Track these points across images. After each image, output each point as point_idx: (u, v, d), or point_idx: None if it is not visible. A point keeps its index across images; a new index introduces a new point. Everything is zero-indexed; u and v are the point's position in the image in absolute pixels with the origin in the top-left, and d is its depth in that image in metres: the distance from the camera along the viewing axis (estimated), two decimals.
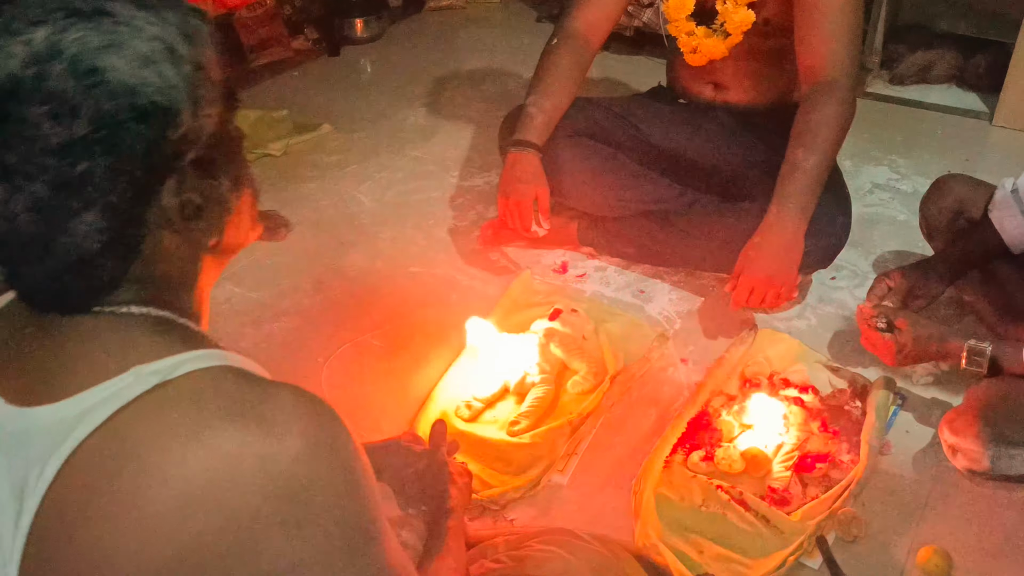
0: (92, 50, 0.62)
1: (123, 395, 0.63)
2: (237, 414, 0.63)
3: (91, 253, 0.65)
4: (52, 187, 0.62)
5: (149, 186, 0.66)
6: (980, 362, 1.48)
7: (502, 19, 3.64)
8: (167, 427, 0.63)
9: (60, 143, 0.61)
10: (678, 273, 2.03)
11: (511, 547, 1.14)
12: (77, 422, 0.63)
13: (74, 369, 0.66)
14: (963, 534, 1.41)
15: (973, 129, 2.69)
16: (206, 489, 0.61)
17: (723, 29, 1.87)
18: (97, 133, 0.62)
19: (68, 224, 0.64)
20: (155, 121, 0.64)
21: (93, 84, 0.62)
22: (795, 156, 1.74)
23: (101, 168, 0.63)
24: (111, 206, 0.64)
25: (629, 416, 1.65)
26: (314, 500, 0.64)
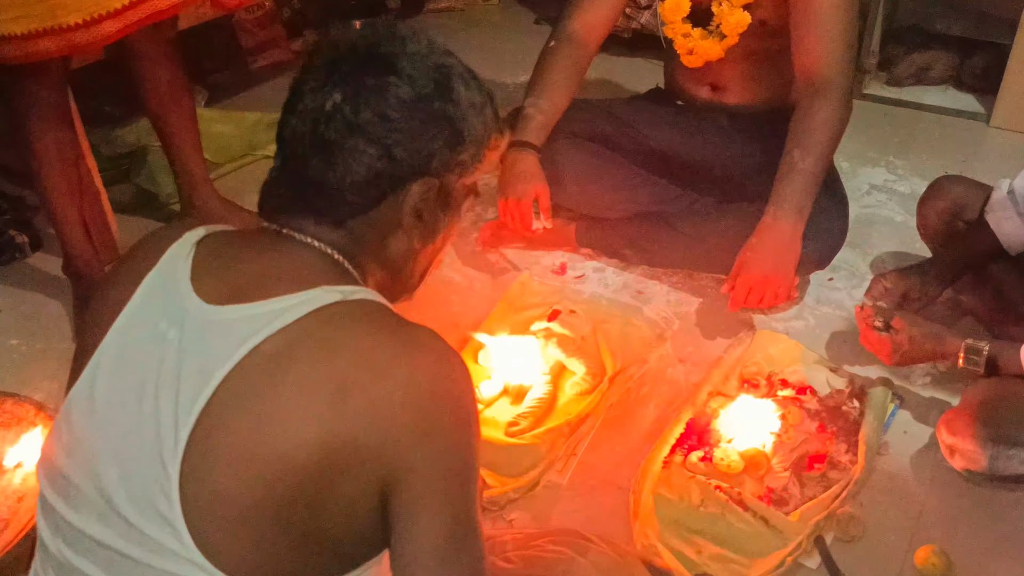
0: (456, 73, 0.89)
1: (311, 303, 0.79)
2: (392, 331, 0.81)
3: (355, 176, 0.85)
4: (375, 114, 0.83)
5: (416, 168, 0.86)
6: (977, 362, 1.48)
7: (500, 21, 3.64)
8: (341, 330, 0.79)
9: (401, 96, 0.84)
10: (676, 274, 2.03)
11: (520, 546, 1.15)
12: (272, 317, 0.78)
13: (272, 281, 0.82)
14: (961, 534, 1.42)
15: (970, 130, 2.70)
16: (364, 384, 0.76)
17: (719, 31, 1.88)
18: (423, 109, 0.85)
19: (359, 146, 0.84)
20: (453, 138, 0.88)
21: (444, 87, 0.87)
22: (792, 157, 1.75)
23: (408, 128, 0.84)
24: (390, 155, 0.85)
25: (628, 417, 1.65)
26: (440, 417, 0.78)
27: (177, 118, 2.03)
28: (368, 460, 0.75)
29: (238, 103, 2.92)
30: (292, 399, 0.75)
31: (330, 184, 0.85)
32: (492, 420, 1.62)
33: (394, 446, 0.76)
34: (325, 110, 0.84)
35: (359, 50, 0.87)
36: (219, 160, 2.51)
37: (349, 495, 0.76)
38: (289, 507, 0.75)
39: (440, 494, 0.79)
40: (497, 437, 1.57)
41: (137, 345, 0.81)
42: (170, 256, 0.86)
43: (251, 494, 0.74)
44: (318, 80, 0.85)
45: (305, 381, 0.76)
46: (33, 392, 1.67)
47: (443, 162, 0.88)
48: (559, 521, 1.44)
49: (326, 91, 0.84)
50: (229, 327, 0.78)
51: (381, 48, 0.87)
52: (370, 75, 0.84)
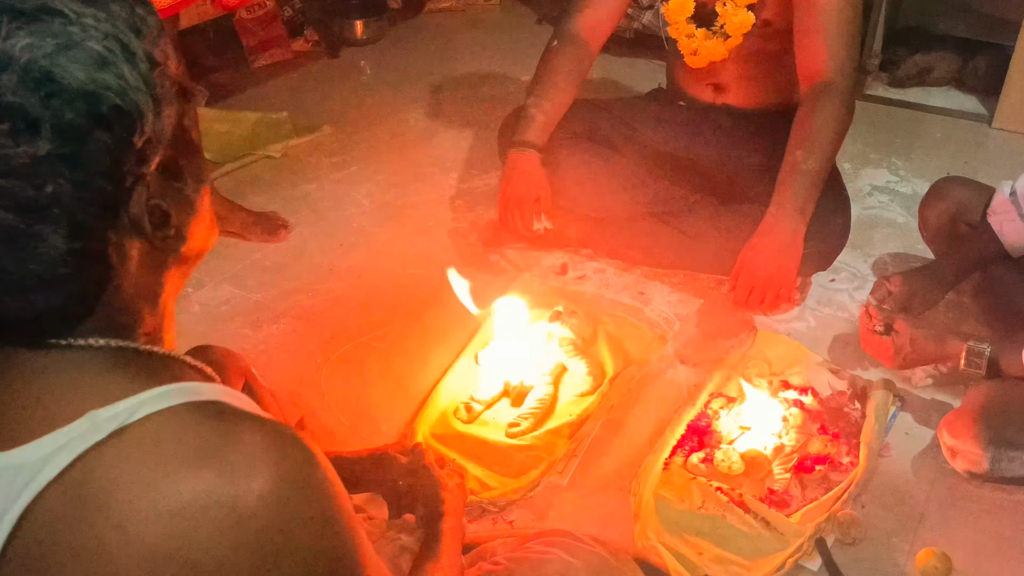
0: (44, 55, 0.56)
1: (78, 444, 0.59)
2: (198, 460, 0.59)
3: (63, 279, 0.60)
4: (17, 212, 0.56)
5: (118, 198, 0.61)
6: (979, 364, 1.48)
7: (502, 21, 3.64)
8: (126, 479, 0.58)
9: (23, 163, 0.55)
10: (678, 275, 2.03)
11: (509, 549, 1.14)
12: (34, 472, 0.58)
13: (27, 414, 0.61)
14: (962, 536, 1.41)
15: (972, 132, 2.69)
16: (171, 543, 0.57)
17: (723, 31, 1.87)
18: (62, 148, 0.56)
19: (37, 251, 0.58)
20: (119, 127, 0.59)
21: (50, 93, 0.56)
22: (794, 158, 1.74)
23: (68, 185, 0.57)
24: (80, 226, 0.59)
25: (628, 418, 1.65)
26: (286, 544, 0.61)
27: None
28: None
29: (238, 102, 2.92)
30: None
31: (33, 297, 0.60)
32: (492, 421, 1.62)
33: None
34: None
35: None
36: (220, 160, 2.51)
37: None
38: None
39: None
40: (498, 438, 1.57)
41: None
42: None
43: None
44: None
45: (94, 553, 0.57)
46: None
47: (130, 165, 0.61)
48: (559, 523, 1.43)
49: None
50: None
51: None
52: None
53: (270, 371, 1.67)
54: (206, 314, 1.91)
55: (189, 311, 1.90)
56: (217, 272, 2.01)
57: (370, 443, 1.36)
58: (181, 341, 0.76)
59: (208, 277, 2.00)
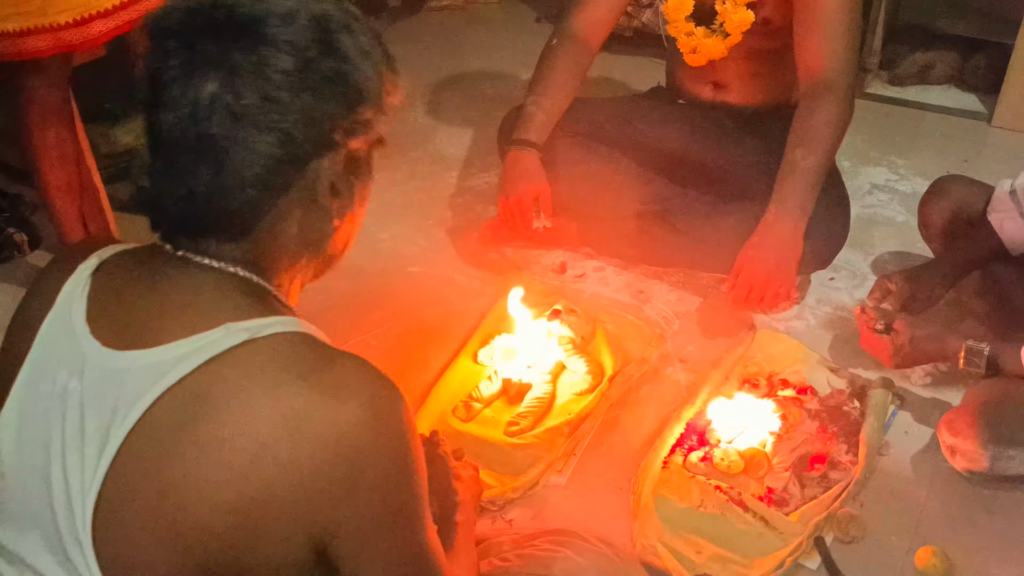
0: (336, 23, 0.77)
1: (214, 347, 0.71)
2: (311, 376, 0.71)
3: (249, 178, 0.74)
4: (261, 96, 0.72)
5: (320, 143, 0.76)
6: (978, 363, 1.48)
7: (501, 19, 3.63)
8: (249, 381, 0.70)
9: (285, 68, 0.73)
10: (677, 273, 2.03)
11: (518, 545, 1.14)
12: (170, 367, 0.70)
13: (171, 320, 0.73)
14: (962, 535, 1.41)
15: (972, 130, 2.69)
16: (278, 444, 0.68)
17: (722, 29, 1.87)
18: (312, 76, 0.74)
19: (250, 137, 0.73)
20: (353, 95, 0.77)
21: (325, 43, 0.75)
22: (794, 156, 1.74)
23: (301, 103, 0.74)
24: (289, 137, 0.74)
25: (628, 416, 1.65)
26: (370, 467, 0.71)
27: None
28: (291, 521, 0.70)
29: None
30: (201, 462, 0.69)
31: (227, 189, 0.74)
32: (492, 419, 1.62)
33: (318, 505, 0.70)
34: (201, 103, 0.72)
35: (218, 20, 0.73)
36: None
37: (276, 558, 0.71)
38: (214, 572, 0.70)
39: (384, 539, 0.74)
40: (497, 437, 1.57)
41: (40, 401, 0.75)
42: (65, 296, 0.78)
43: (167, 564, 0.70)
44: (180, 65, 0.73)
45: (214, 441, 0.69)
46: None
47: (346, 128, 0.78)
48: (558, 521, 1.43)
49: (196, 79, 0.72)
50: (127, 378, 0.72)
51: (242, 10, 0.73)
52: (241, 51, 0.72)
53: None
54: None
55: None
56: None
57: None
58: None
59: None
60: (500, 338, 1.77)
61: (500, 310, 1.85)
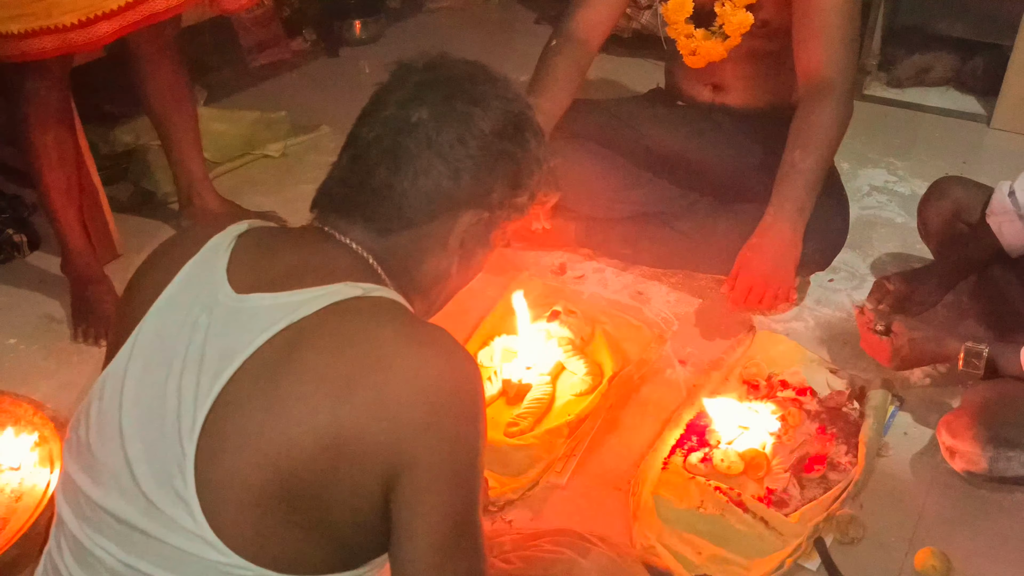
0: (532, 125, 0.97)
1: (333, 295, 0.83)
2: (406, 327, 0.84)
3: (415, 192, 0.90)
4: (456, 138, 0.90)
5: (474, 197, 0.92)
6: (977, 364, 1.48)
7: (500, 21, 3.64)
8: (355, 321, 0.82)
9: (483, 129, 0.91)
10: (676, 275, 2.03)
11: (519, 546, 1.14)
12: (291, 309, 0.81)
13: (300, 275, 0.85)
14: (961, 536, 1.41)
15: (971, 132, 2.69)
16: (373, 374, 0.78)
17: (722, 31, 1.87)
18: (497, 146, 0.92)
19: (432, 162, 0.89)
20: (517, 179, 0.95)
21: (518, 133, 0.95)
22: (793, 157, 1.74)
23: (480, 159, 0.91)
24: (458, 176, 0.90)
25: (627, 418, 1.65)
26: (446, 416, 0.80)
27: (178, 118, 2.02)
28: (373, 451, 0.77)
29: (237, 102, 2.92)
30: (303, 386, 0.78)
31: (393, 190, 0.90)
32: (491, 420, 1.61)
33: (399, 439, 0.78)
34: (410, 121, 0.89)
35: (455, 79, 0.93)
36: (218, 159, 2.51)
37: (354, 484, 0.78)
38: (296, 492, 0.77)
39: (443, 490, 0.80)
40: (496, 438, 1.56)
41: (171, 328, 0.85)
42: (211, 246, 0.89)
43: (260, 476, 0.77)
44: (407, 95, 0.91)
45: (316, 370, 0.78)
46: (31, 391, 1.66)
47: (499, 199, 0.94)
48: (558, 522, 1.43)
49: (414, 105, 0.90)
50: (253, 314, 0.82)
51: (475, 82, 0.94)
52: (460, 102, 0.91)
53: None
54: None
55: None
56: None
57: None
58: None
59: None
60: (499, 339, 1.77)
61: (499, 311, 1.85)
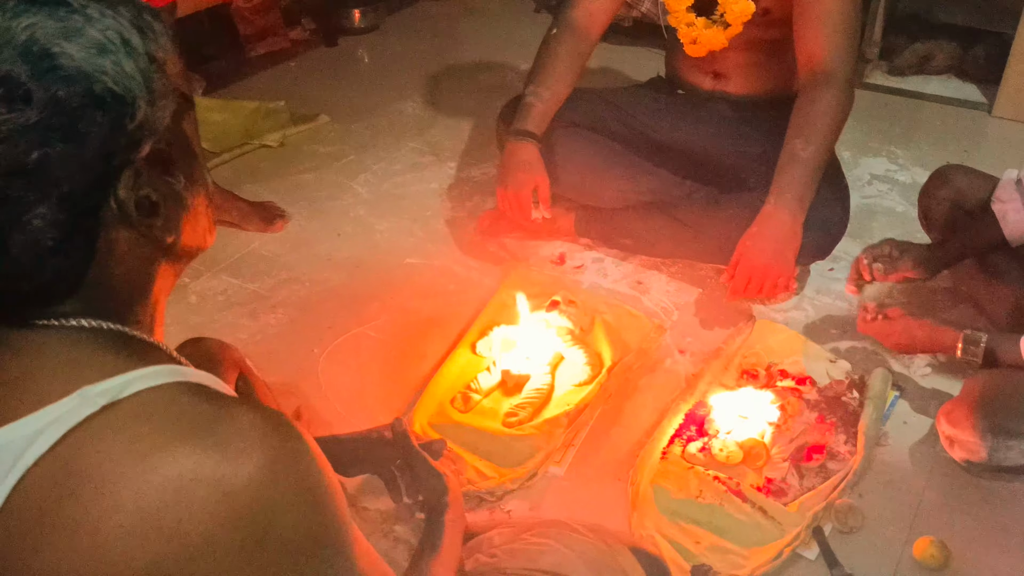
0: (46, 36, 0.61)
1: (69, 418, 0.60)
2: (190, 435, 0.60)
3: (46, 250, 0.62)
4: (4, 176, 0.59)
5: (105, 177, 0.64)
6: (975, 352, 1.47)
7: (500, 9, 3.62)
8: (116, 450, 0.59)
9: (12, 129, 0.59)
10: (676, 264, 2.03)
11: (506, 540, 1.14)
12: (23, 447, 0.59)
13: (17, 392, 0.62)
14: (960, 525, 1.42)
15: (972, 120, 2.69)
16: (160, 514, 0.58)
17: (723, 20, 1.86)
18: (52, 119, 0.60)
19: (22, 218, 0.60)
20: (111, 109, 0.63)
21: (46, 69, 0.60)
22: (793, 146, 1.74)
23: (56, 155, 0.60)
24: (67, 197, 0.61)
25: (626, 407, 1.65)
26: (273, 524, 0.61)
27: None
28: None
29: (236, 91, 2.91)
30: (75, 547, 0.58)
31: (25, 271, 0.62)
32: (491, 411, 1.62)
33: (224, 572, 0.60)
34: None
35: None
36: (216, 149, 2.51)
37: None
38: None
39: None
40: (495, 428, 1.57)
41: None
42: None
43: None
44: None
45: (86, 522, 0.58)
46: None
47: (122, 148, 0.64)
48: (557, 512, 1.43)
49: None
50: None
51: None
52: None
53: (267, 361, 1.67)
54: (204, 304, 1.91)
55: (187, 301, 1.90)
56: (214, 262, 2.01)
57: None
58: (178, 330, 0.76)
59: (205, 267, 1.99)
60: (499, 329, 1.76)
61: (499, 301, 1.85)
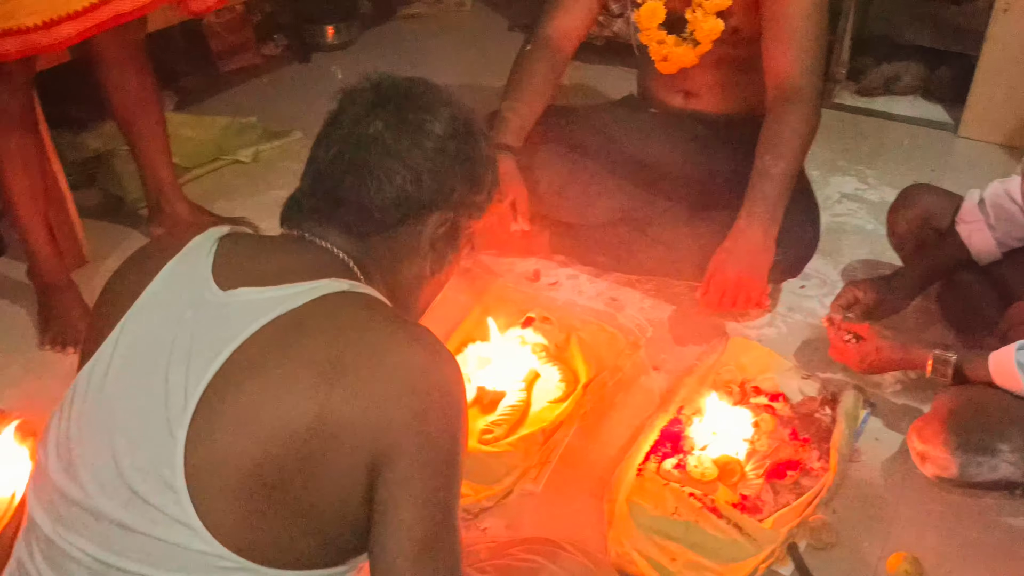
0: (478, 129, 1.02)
1: (321, 289, 0.86)
2: (394, 322, 0.88)
3: (385, 195, 0.94)
4: (412, 143, 0.95)
5: (438, 198, 0.97)
6: (945, 372, 1.49)
7: (473, 27, 3.64)
8: (342, 313, 0.86)
9: (436, 133, 0.97)
10: (650, 281, 2.03)
11: (494, 555, 1.14)
12: (279, 302, 0.84)
13: (286, 271, 0.88)
14: (932, 540, 1.43)
15: (939, 140, 2.73)
16: (361, 361, 0.81)
17: (693, 38, 1.88)
18: (452, 147, 0.98)
19: (393, 168, 0.94)
20: (473, 180, 1.00)
21: (468, 135, 1.00)
22: (763, 163, 1.76)
23: (437, 162, 0.96)
24: (420, 180, 0.95)
25: (602, 424, 1.65)
26: (432, 409, 0.83)
27: (145, 123, 2.00)
28: (359, 437, 0.79)
29: (207, 107, 2.89)
30: (293, 373, 0.80)
31: (360, 200, 0.94)
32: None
33: (385, 428, 0.80)
34: (368, 134, 0.94)
35: (401, 92, 0.98)
36: (188, 164, 2.48)
37: (340, 471, 0.80)
38: (283, 477, 0.78)
39: (425, 483, 0.82)
40: (471, 445, 1.55)
41: (155, 325, 0.86)
42: (192, 246, 0.92)
43: (249, 460, 0.78)
44: (362, 110, 0.96)
45: (306, 357, 0.81)
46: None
47: (460, 199, 0.99)
48: (533, 529, 1.43)
49: (368, 120, 0.95)
50: (242, 308, 0.84)
51: (421, 92, 1.00)
52: (411, 112, 0.96)
53: None
54: None
55: None
56: None
57: None
58: None
59: None
60: (473, 346, 1.76)
61: (473, 318, 1.85)
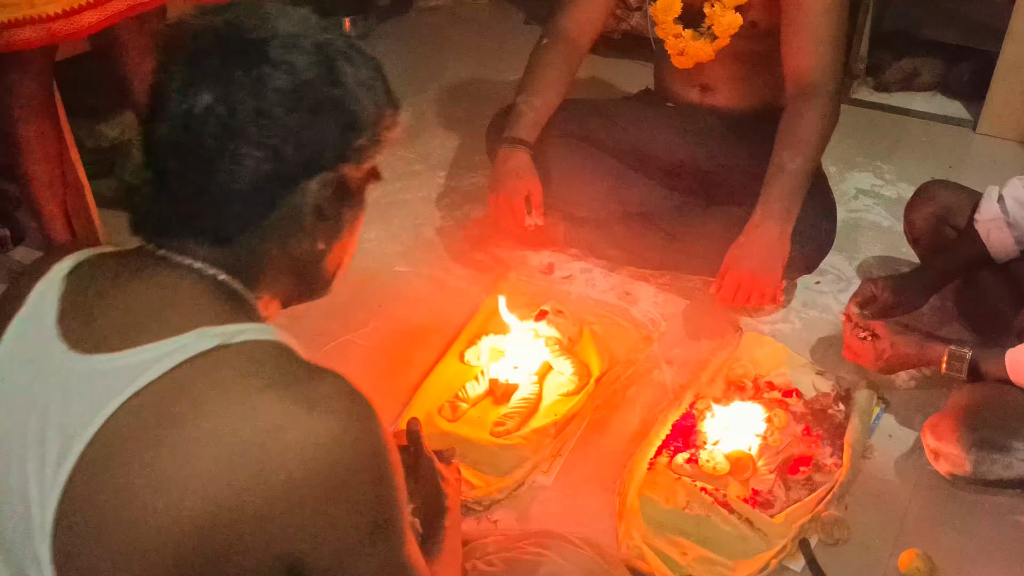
0: (336, 51, 0.78)
1: (185, 351, 0.69)
2: (287, 387, 0.70)
3: (238, 189, 0.75)
4: (255, 112, 0.73)
5: (311, 164, 0.77)
6: (960, 368, 1.48)
7: (490, 20, 3.63)
8: (223, 386, 0.69)
9: (280, 87, 0.74)
10: (664, 276, 2.03)
11: (502, 548, 1.14)
12: (138, 372, 0.68)
13: (142, 323, 0.72)
14: (945, 538, 1.42)
15: (957, 136, 2.71)
16: (252, 450, 0.67)
17: (710, 32, 1.87)
18: (307, 98, 0.75)
19: (241, 150, 0.73)
20: (347, 124, 0.78)
21: (327, 71, 0.76)
22: (780, 158, 1.75)
23: (294, 123, 0.74)
24: (279, 154, 0.74)
25: (614, 418, 1.65)
26: (346, 483, 0.69)
27: None
28: (262, 536, 0.67)
29: None
30: (166, 467, 0.66)
31: (212, 197, 0.75)
32: (478, 420, 1.61)
33: (291, 520, 0.68)
34: (195, 114, 0.73)
35: (223, 38, 0.75)
36: None
37: (246, 573, 0.68)
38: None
39: (361, 563, 0.73)
40: (483, 437, 1.56)
41: (3, 405, 0.73)
42: (36, 296, 0.77)
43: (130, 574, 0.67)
44: (182, 79, 0.75)
45: (180, 446, 0.67)
46: None
47: (338, 152, 0.79)
48: (544, 522, 1.43)
49: (193, 92, 0.74)
50: (93, 382, 0.70)
51: (248, 33, 0.75)
52: (240, 67, 0.73)
53: None
54: None
55: None
56: None
57: None
58: None
59: None
60: (487, 338, 1.76)
61: (487, 310, 1.85)
